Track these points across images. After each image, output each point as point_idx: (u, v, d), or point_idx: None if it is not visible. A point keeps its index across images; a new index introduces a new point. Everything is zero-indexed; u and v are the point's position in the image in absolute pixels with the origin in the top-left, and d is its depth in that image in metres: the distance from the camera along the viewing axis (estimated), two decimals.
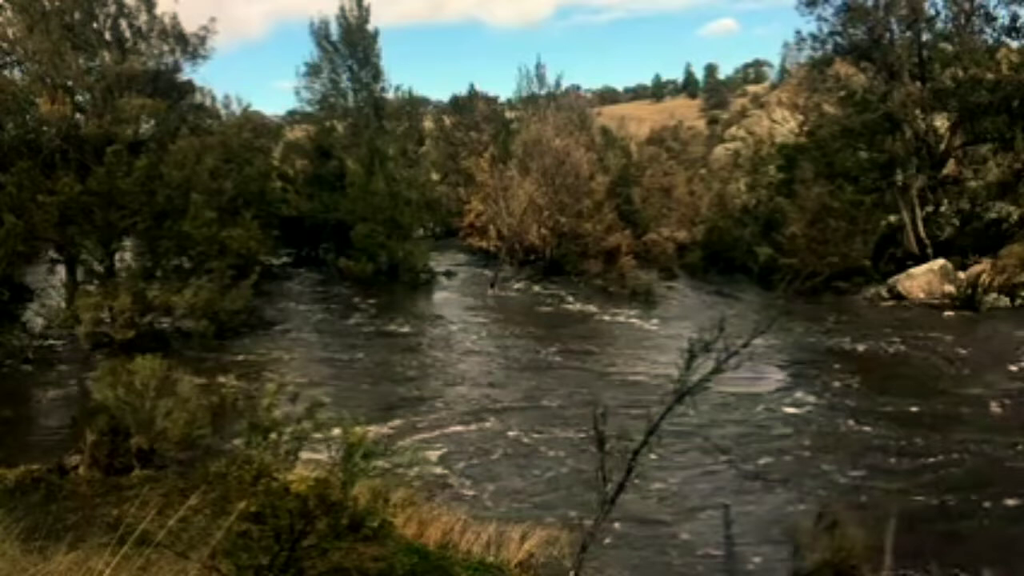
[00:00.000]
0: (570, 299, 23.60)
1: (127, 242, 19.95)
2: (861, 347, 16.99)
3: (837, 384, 14.30)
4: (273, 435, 5.28)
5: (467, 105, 39.97)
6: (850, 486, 9.83)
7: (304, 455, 5.53)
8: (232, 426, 9.93)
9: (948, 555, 7.86)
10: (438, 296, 25.22)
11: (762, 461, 10.71)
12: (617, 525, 8.30)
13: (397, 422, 12.45)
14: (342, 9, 30.94)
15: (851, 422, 12.21)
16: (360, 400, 13.73)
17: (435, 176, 38.21)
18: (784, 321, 18.54)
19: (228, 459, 5.76)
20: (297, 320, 21.29)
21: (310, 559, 5.04)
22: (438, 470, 10.47)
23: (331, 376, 15.82)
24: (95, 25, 21.16)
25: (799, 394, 13.81)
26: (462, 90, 42.38)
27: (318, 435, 5.40)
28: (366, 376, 15.80)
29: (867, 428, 11.90)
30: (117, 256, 19.38)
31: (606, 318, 21.02)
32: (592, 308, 22.27)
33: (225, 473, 5.31)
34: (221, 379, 14.16)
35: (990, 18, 24.79)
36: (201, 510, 5.58)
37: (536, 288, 25.32)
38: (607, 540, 8.00)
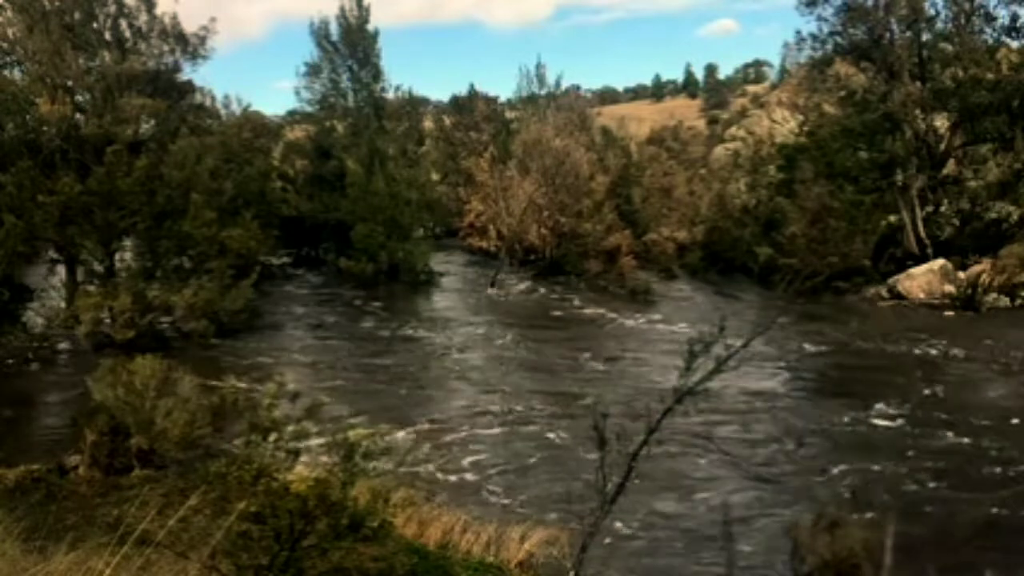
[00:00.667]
0: (570, 299, 23.60)
1: (127, 242, 19.95)
2: (862, 347, 17.00)
3: (836, 384, 14.31)
4: (273, 435, 5.27)
5: (467, 105, 39.94)
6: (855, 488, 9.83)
7: (305, 456, 5.52)
8: (232, 426, 9.92)
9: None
10: (438, 296, 25.22)
11: (768, 461, 10.71)
12: (618, 525, 8.30)
13: (396, 422, 12.44)
14: (342, 9, 30.91)
15: (856, 425, 12.21)
16: (359, 400, 13.73)
17: (435, 176, 38.18)
18: (785, 321, 18.54)
19: (228, 459, 5.75)
20: (297, 320, 21.28)
21: (310, 559, 5.03)
22: (429, 468, 10.46)
23: (331, 376, 15.81)
24: (95, 25, 21.14)
25: (795, 393, 13.82)
26: (461, 90, 42.39)
27: (319, 440, 5.40)
28: (365, 376, 15.79)
29: (878, 431, 11.91)
30: (117, 256, 19.37)
31: (606, 318, 21.01)
32: (592, 308, 22.27)
33: (225, 473, 5.30)
34: (221, 379, 14.14)
35: (990, 18, 24.83)
36: (201, 510, 5.58)
37: (536, 288, 25.32)
38: (607, 540, 8.01)
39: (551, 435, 11.84)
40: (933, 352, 16.26)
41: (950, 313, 20.07)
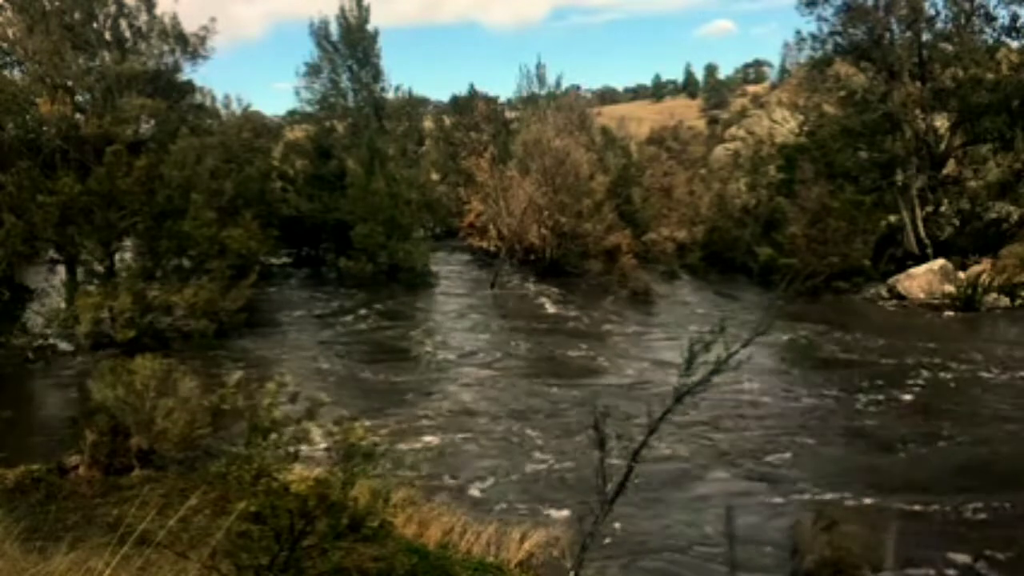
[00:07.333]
0: (570, 299, 23.60)
1: (127, 242, 19.95)
2: (862, 347, 16.99)
3: (834, 384, 14.31)
4: (273, 435, 5.27)
5: (467, 105, 39.95)
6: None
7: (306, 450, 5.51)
8: (232, 426, 9.92)
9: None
10: (438, 296, 25.23)
11: (766, 459, 10.72)
12: (618, 525, 8.30)
13: (397, 423, 12.45)
14: (342, 9, 31.00)
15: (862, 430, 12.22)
16: (358, 400, 13.74)
17: (435, 176, 38.20)
18: (784, 322, 18.56)
19: (228, 459, 5.75)
20: (297, 320, 21.29)
21: (310, 559, 5.03)
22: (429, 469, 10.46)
23: (330, 376, 15.81)
24: (95, 25, 21.13)
25: (793, 392, 13.83)
26: (461, 90, 42.43)
27: (319, 439, 5.40)
28: (364, 376, 15.80)
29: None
30: (117, 256, 19.37)
31: (606, 318, 21.01)
32: (592, 308, 22.27)
33: (225, 473, 5.31)
34: (221, 379, 14.15)
35: (990, 18, 24.84)
36: (201, 510, 5.59)
37: (536, 288, 25.33)
38: (607, 540, 8.01)
39: (550, 435, 11.84)
40: (933, 352, 16.24)
41: (950, 313, 20.07)
